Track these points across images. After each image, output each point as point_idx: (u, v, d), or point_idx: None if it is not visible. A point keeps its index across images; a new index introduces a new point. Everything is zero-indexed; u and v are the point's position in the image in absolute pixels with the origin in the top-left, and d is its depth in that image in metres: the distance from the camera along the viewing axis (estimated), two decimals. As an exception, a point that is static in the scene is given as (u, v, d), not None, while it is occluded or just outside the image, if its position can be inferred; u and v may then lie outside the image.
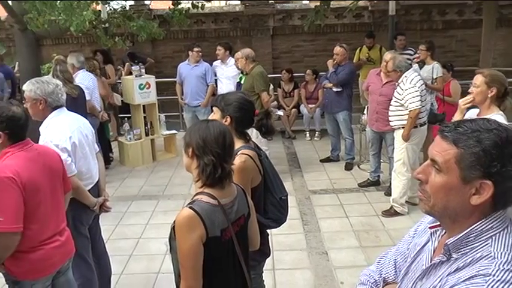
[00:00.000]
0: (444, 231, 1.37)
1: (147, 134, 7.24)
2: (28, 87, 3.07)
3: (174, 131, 7.72)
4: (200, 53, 7.16)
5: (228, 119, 2.55)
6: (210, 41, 10.57)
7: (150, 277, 4.14)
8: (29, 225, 2.44)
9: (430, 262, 1.35)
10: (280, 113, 8.01)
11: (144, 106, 7.20)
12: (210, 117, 2.62)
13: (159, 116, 7.44)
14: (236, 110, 2.58)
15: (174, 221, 1.98)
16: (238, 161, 2.36)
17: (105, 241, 3.77)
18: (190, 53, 7.19)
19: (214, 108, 2.66)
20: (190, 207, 1.93)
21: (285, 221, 2.85)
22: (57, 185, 2.68)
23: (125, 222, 5.23)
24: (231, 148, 2.03)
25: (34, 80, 3.11)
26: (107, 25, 8.26)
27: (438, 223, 1.38)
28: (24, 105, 3.09)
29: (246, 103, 2.65)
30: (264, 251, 2.70)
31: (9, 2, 6.83)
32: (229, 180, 2.03)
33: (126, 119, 7.52)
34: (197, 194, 2.00)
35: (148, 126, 7.27)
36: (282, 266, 4.21)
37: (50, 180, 2.58)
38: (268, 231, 2.82)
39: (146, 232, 5.00)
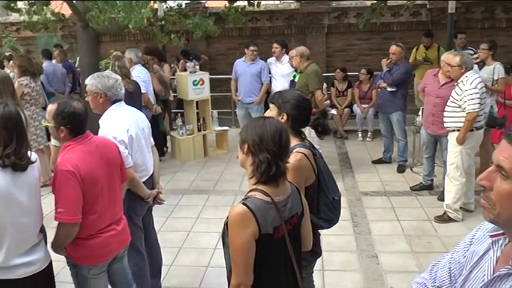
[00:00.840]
0: (508, 240, 1.31)
1: (199, 130, 7.37)
2: (90, 82, 3.19)
3: (226, 128, 7.81)
4: (255, 52, 7.18)
5: (285, 117, 2.55)
6: (264, 38, 10.62)
7: (199, 270, 4.21)
8: (88, 215, 2.55)
9: (493, 273, 1.29)
10: (334, 112, 7.92)
11: (197, 102, 7.33)
12: (266, 114, 2.64)
13: (211, 112, 7.55)
14: (293, 107, 2.58)
15: (227, 217, 2.00)
16: (293, 159, 2.35)
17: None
18: (246, 50, 7.24)
19: (270, 105, 2.67)
20: (243, 204, 1.94)
21: (337, 222, 2.82)
22: (115, 175, 2.77)
23: (175, 215, 5.34)
24: (286, 146, 2.03)
25: (95, 75, 3.24)
26: (163, 23, 8.45)
27: (501, 231, 1.31)
28: (86, 99, 3.24)
29: (303, 101, 2.65)
30: (316, 251, 2.68)
31: (74, 1, 7.12)
32: (284, 178, 2.03)
33: (179, 114, 7.67)
34: (251, 190, 2.01)
35: (201, 122, 7.39)
36: (331, 267, 4.17)
37: (108, 171, 2.68)
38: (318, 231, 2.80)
39: (196, 226, 5.09)
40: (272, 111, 2.63)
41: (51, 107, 2.58)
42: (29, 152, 2.40)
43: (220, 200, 5.76)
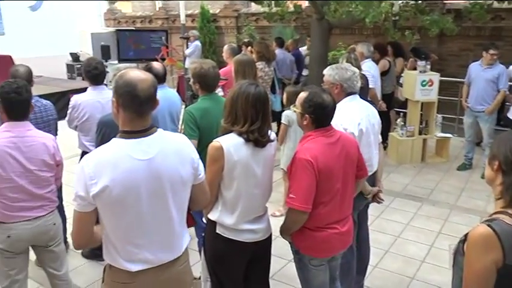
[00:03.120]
0: None
1: (420, 133, 7.02)
2: (328, 72, 3.26)
3: (449, 135, 7.25)
4: (495, 57, 6.41)
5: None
6: (506, 40, 9.43)
7: (403, 279, 4.02)
8: (318, 207, 2.56)
9: None
10: None
11: (422, 103, 6.96)
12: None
13: (436, 116, 7.10)
14: None
15: (465, 235, 1.80)
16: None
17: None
18: (484, 53, 6.52)
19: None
20: (488, 225, 1.71)
21: None
22: (350, 172, 2.73)
23: (385, 217, 5.19)
24: None
25: (334, 66, 3.30)
26: (397, 18, 8.21)
27: None
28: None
29: None
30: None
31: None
32: None
33: (401, 113, 7.40)
34: (498, 212, 1.77)
35: (423, 125, 7.02)
36: None
37: (344, 167, 2.65)
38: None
39: (405, 232, 4.86)
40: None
41: (303, 94, 2.67)
42: (269, 131, 2.57)
43: (434, 211, 5.39)
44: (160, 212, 2.03)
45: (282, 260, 4.11)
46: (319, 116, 2.59)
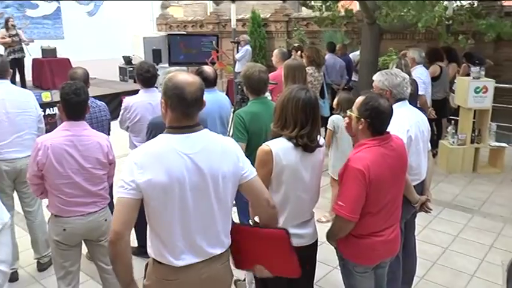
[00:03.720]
0: None
1: (472, 142, 6.78)
2: (377, 78, 3.24)
3: (504, 144, 6.95)
4: None
5: None
6: None
7: (452, 292, 3.91)
8: (365, 215, 2.53)
9: None
10: None
11: (475, 111, 6.74)
12: None
13: (490, 124, 6.84)
14: None
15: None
16: None
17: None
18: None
19: None
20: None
21: None
22: (401, 182, 2.69)
23: (433, 227, 5.04)
24: None
25: (384, 72, 3.27)
26: (450, 22, 7.97)
27: None
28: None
29: None
30: None
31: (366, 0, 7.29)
32: None
33: (452, 121, 7.17)
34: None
35: (476, 134, 6.78)
36: None
37: (396, 177, 2.61)
38: None
39: (454, 244, 4.70)
40: None
41: (360, 98, 2.64)
42: (318, 136, 2.56)
43: (485, 223, 5.19)
44: (203, 207, 2.07)
45: (327, 266, 4.08)
46: (375, 120, 2.55)
